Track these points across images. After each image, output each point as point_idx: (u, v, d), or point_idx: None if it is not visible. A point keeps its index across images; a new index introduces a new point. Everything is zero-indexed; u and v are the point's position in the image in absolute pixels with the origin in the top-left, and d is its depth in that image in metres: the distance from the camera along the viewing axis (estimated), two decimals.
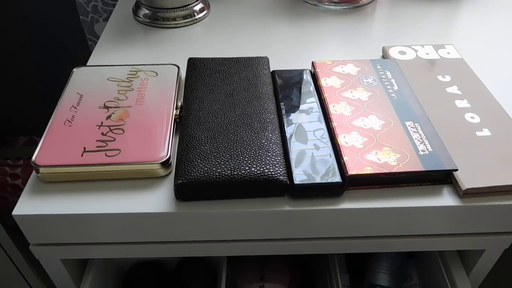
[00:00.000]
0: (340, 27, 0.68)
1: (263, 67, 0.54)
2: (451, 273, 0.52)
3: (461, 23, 0.70)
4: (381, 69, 0.54)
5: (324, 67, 0.55)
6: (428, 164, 0.42)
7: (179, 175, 0.41)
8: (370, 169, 0.41)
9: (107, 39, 0.65)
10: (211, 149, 0.43)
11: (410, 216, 0.42)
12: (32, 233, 0.42)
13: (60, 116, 0.47)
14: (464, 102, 0.51)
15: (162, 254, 0.46)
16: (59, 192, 0.42)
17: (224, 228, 0.43)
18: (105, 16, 0.92)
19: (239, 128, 0.45)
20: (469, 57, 0.61)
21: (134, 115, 0.47)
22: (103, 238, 0.43)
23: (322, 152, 0.43)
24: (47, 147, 0.43)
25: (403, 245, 0.46)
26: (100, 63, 0.59)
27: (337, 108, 0.48)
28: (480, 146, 0.45)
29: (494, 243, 0.47)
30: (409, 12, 0.73)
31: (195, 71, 0.53)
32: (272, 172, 0.41)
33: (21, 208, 0.41)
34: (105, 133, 0.45)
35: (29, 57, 1.09)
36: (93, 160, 0.42)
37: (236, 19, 0.70)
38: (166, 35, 0.66)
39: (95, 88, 0.51)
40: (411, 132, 0.45)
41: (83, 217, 0.41)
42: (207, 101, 0.48)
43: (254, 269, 0.62)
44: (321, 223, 0.43)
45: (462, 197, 0.42)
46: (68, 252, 0.45)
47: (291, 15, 0.72)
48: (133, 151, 0.43)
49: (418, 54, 0.58)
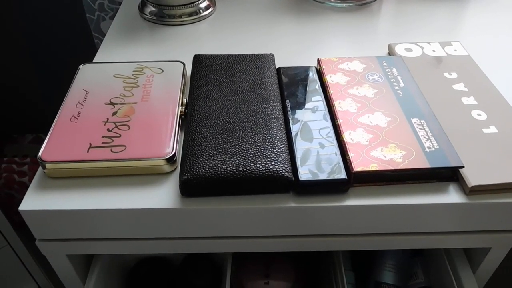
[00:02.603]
0: (346, 25, 0.68)
1: (269, 64, 0.54)
2: (457, 271, 0.52)
3: (468, 20, 0.69)
4: (387, 66, 0.54)
5: (329, 64, 0.54)
6: (434, 161, 0.41)
7: (185, 171, 0.41)
8: (376, 166, 0.41)
9: (113, 36, 0.65)
10: (216, 146, 0.43)
11: (416, 213, 0.42)
12: (39, 228, 0.43)
13: (66, 112, 0.47)
14: (471, 99, 0.50)
15: (167, 250, 0.46)
16: (65, 188, 0.42)
17: (229, 225, 0.43)
18: (111, 14, 0.92)
19: (244, 125, 0.45)
20: (476, 54, 0.61)
21: (139, 112, 0.47)
22: (109, 234, 0.44)
23: (328, 151, 0.43)
24: (53, 143, 0.43)
25: (409, 242, 0.46)
26: (106, 60, 0.60)
27: (342, 105, 0.48)
28: (486, 143, 0.45)
29: (500, 241, 0.46)
30: (415, 9, 0.73)
31: (200, 68, 0.53)
32: (277, 169, 0.41)
33: (28, 204, 0.41)
34: (110, 129, 0.45)
35: (35, 55, 1.09)
36: (98, 156, 0.42)
37: (242, 17, 0.70)
38: (171, 32, 0.66)
39: (101, 84, 0.51)
40: (417, 129, 0.45)
41: (88, 213, 0.41)
42: (213, 98, 0.48)
43: (259, 266, 0.62)
44: (326, 220, 0.43)
45: (468, 194, 0.42)
46: (74, 248, 0.45)
47: (296, 12, 0.71)
48: (138, 147, 0.43)
49: (424, 51, 0.58)
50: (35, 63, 1.11)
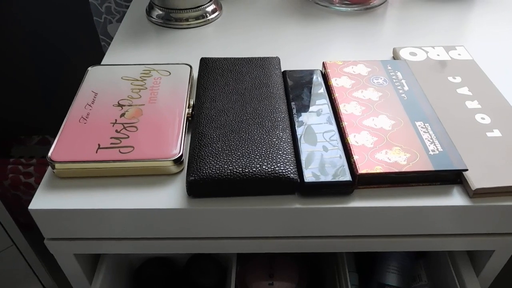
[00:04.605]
0: (351, 28, 0.69)
1: (274, 67, 0.55)
2: (460, 274, 0.52)
3: (472, 25, 0.70)
4: (391, 69, 0.55)
5: (334, 67, 0.55)
6: (438, 164, 0.42)
7: (191, 172, 0.41)
8: (380, 168, 0.42)
9: (121, 39, 0.66)
10: (222, 147, 0.43)
11: (420, 215, 0.43)
12: (47, 227, 0.43)
13: (75, 113, 0.48)
14: (475, 103, 0.51)
15: (173, 250, 0.46)
16: (74, 188, 0.43)
17: (234, 225, 0.43)
18: (118, 17, 0.93)
19: (250, 127, 0.46)
20: (479, 59, 0.61)
21: (147, 113, 0.48)
22: (116, 234, 0.44)
23: (331, 154, 0.43)
24: (62, 143, 0.44)
25: (413, 244, 0.46)
26: (114, 62, 0.60)
27: (347, 108, 0.49)
28: (490, 146, 0.45)
29: (504, 244, 0.47)
30: (420, 13, 0.73)
31: (207, 71, 0.54)
32: (282, 170, 0.41)
33: (37, 203, 0.41)
34: (119, 130, 0.45)
35: (42, 57, 1.11)
36: (107, 157, 0.43)
37: (248, 20, 0.71)
38: (178, 35, 0.67)
39: (109, 86, 0.52)
40: (421, 132, 0.45)
41: (96, 212, 0.41)
42: (219, 100, 0.49)
43: (264, 266, 0.62)
44: (330, 221, 0.43)
45: (472, 197, 0.42)
46: (82, 247, 0.46)
47: (302, 16, 0.72)
48: (146, 148, 0.43)
49: (428, 55, 0.59)
50: (41, 65, 1.12)
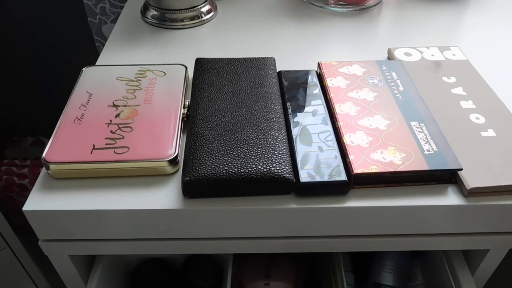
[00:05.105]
0: (346, 29, 0.69)
1: (270, 67, 0.55)
2: (455, 273, 0.52)
3: (467, 25, 0.70)
4: (386, 70, 0.55)
5: (330, 67, 0.55)
6: (433, 164, 0.42)
7: (187, 172, 0.41)
8: (376, 168, 0.42)
9: (115, 39, 0.66)
10: (218, 147, 0.43)
11: (415, 215, 0.43)
12: (42, 228, 0.43)
13: (70, 114, 0.47)
14: (469, 103, 0.51)
15: (169, 251, 0.46)
16: (69, 189, 0.43)
17: (230, 225, 0.43)
18: (112, 18, 0.93)
19: (245, 127, 0.46)
20: (474, 59, 0.61)
21: (142, 114, 0.48)
22: (111, 235, 0.44)
23: (327, 154, 0.43)
24: (57, 144, 0.44)
25: (408, 244, 0.46)
26: (108, 63, 0.60)
27: (342, 108, 0.49)
28: (485, 146, 0.45)
29: (499, 243, 0.47)
30: (414, 14, 0.73)
31: (202, 71, 0.54)
32: (278, 170, 0.41)
33: (31, 204, 0.41)
34: (114, 131, 0.45)
35: (36, 57, 1.10)
36: (102, 157, 0.42)
37: (243, 21, 0.71)
38: (173, 36, 0.67)
39: (104, 87, 0.51)
40: (416, 132, 0.46)
41: (91, 213, 0.41)
42: (214, 101, 0.49)
43: (260, 266, 0.62)
44: (326, 221, 0.43)
45: (467, 196, 0.42)
46: (77, 248, 0.46)
47: (297, 17, 0.72)
48: (141, 149, 0.43)
49: (423, 55, 0.59)
50: (36, 65, 1.11)
